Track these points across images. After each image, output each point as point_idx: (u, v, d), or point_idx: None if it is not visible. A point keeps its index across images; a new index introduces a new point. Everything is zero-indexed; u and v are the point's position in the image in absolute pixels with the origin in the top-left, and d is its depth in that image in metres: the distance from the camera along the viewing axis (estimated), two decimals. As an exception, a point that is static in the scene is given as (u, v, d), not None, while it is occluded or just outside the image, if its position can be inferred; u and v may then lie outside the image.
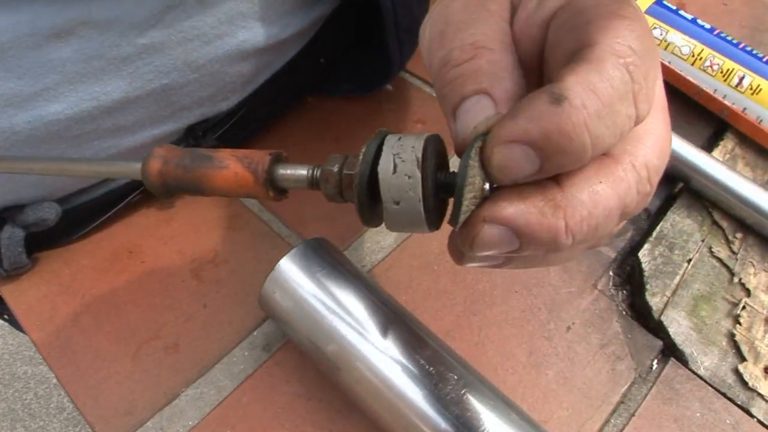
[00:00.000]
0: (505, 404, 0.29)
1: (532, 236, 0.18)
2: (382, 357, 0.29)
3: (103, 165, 0.26)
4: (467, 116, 0.19)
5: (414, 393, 0.28)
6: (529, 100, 0.17)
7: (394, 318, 0.30)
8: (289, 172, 0.23)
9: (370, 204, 0.20)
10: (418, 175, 0.18)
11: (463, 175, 0.18)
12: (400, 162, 0.19)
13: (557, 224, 0.18)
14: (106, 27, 0.31)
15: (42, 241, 0.40)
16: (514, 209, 0.18)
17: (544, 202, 0.18)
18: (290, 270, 0.31)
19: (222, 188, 0.23)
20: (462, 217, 0.18)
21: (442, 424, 0.27)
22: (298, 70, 0.44)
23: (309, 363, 0.35)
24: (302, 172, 0.22)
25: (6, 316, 0.43)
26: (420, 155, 0.19)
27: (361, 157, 0.20)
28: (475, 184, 0.18)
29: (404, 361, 0.29)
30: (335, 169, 0.21)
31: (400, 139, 0.20)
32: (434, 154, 0.19)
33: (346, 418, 0.33)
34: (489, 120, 0.19)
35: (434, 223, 0.20)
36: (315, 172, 0.22)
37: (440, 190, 0.20)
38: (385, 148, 0.20)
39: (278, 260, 0.31)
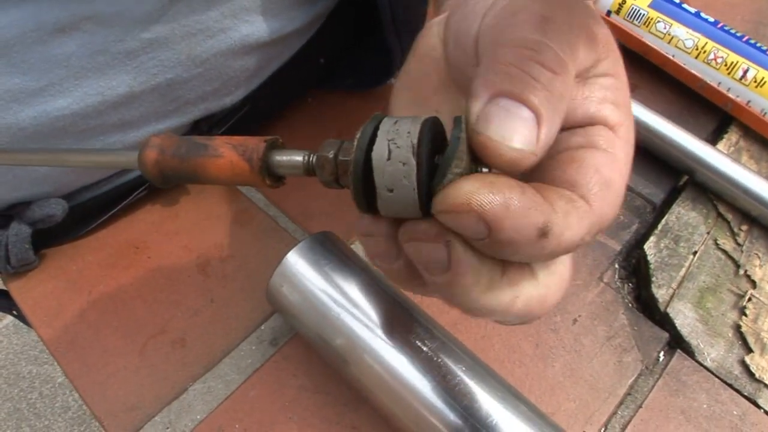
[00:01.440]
0: (513, 396, 0.29)
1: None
2: (390, 349, 0.29)
3: (100, 155, 0.26)
4: (514, 123, 0.17)
5: (422, 384, 0.28)
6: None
7: (401, 310, 0.30)
8: (285, 158, 0.22)
9: (366, 191, 0.20)
10: (413, 162, 0.17)
11: (457, 136, 0.17)
12: (395, 148, 0.18)
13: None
14: (110, 22, 0.31)
15: (48, 237, 0.40)
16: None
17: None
18: (297, 264, 0.31)
19: (218, 177, 0.23)
20: (446, 179, 0.17)
21: (451, 415, 0.27)
22: (300, 66, 0.45)
23: (316, 356, 0.35)
24: (298, 158, 0.22)
25: (15, 312, 0.44)
26: (416, 141, 0.18)
27: (355, 143, 0.19)
28: (462, 159, 0.17)
29: (412, 353, 0.29)
30: (330, 155, 0.21)
31: (396, 123, 0.19)
32: (431, 139, 0.18)
33: (353, 411, 0.33)
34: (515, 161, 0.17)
35: (429, 212, 0.20)
36: (311, 158, 0.22)
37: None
38: (380, 132, 0.19)
39: (285, 254, 0.31)
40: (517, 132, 0.16)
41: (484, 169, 0.18)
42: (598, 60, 0.19)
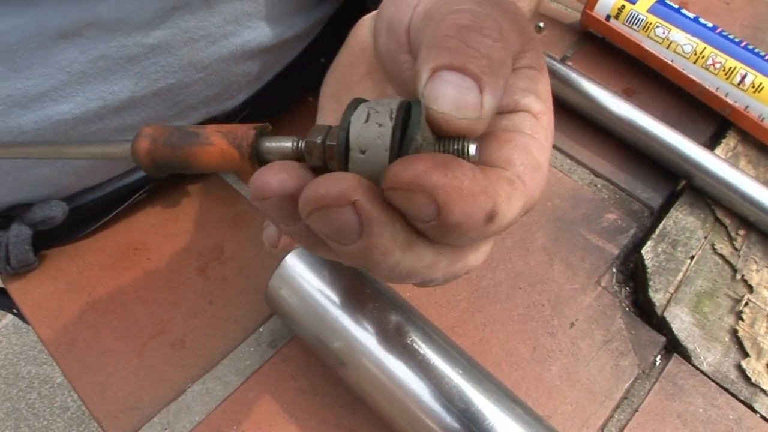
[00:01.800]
0: (509, 399, 0.29)
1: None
2: (387, 353, 0.29)
3: (96, 146, 0.27)
4: (469, 92, 0.17)
5: (419, 388, 0.28)
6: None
7: (399, 314, 0.31)
8: (274, 145, 0.22)
9: None
10: (389, 123, 0.18)
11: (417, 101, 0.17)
12: (373, 113, 0.18)
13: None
14: (113, 27, 0.32)
15: (49, 239, 0.40)
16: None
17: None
18: (296, 266, 0.32)
19: (209, 165, 0.23)
20: (414, 143, 0.17)
21: (447, 418, 0.27)
22: (300, 69, 0.45)
23: (314, 359, 0.35)
24: (287, 144, 0.22)
25: (15, 310, 0.44)
26: (395, 107, 0.18)
27: (340, 126, 0.19)
28: (426, 127, 0.17)
29: (409, 356, 0.29)
30: (318, 140, 0.21)
31: (379, 101, 0.19)
32: (408, 111, 0.18)
33: (351, 413, 0.33)
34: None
35: None
36: (299, 144, 0.22)
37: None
38: (362, 105, 0.19)
39: (284, 257, 0.32)
40: (460, 102, 0.16)
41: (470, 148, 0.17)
42: (523, 51, 0.20)
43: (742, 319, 0.37)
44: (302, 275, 0.31)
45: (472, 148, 0.17)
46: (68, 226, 0.39)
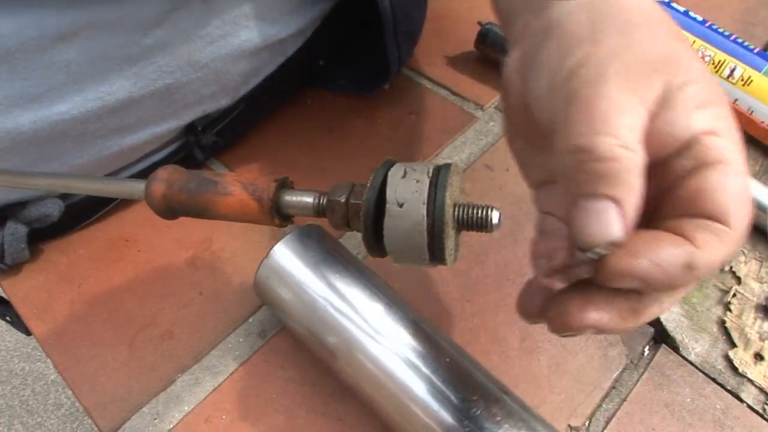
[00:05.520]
0: (498, 388, 0.29)
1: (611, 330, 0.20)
2: (376, 341, 0.29)
3: (107, 184, 0.26)
4: (593, 220, 0.18)
5: (407, 376, 0.28)
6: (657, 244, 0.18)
7: (387, 304, 0.31)
8: (294, 199, 0.22)
9: (377, 231, 0.20)
10: (426, 180, 0.19)
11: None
12: (410, 170, 0.19)
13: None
14: (111, 28, 0.31)
15: (44, 235, 0.40)
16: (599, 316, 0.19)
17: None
18: (285, 256, 0.32)
19: (226, 214, 0.23)
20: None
21: (434, 405, 0.27)
22: (296, 67, 0.45)
23: (303, 348, 0.35)
24: (308, 200, 0.22)
25: (8, 318, 0.44)
26: (431, 169, 0.19)
27: (369, 184, 0.20)
28: (456, 190, 0.20)
29: (397, 345, 0.29)
30: (342, 199, 0.21)
31: (414, 162, 0.20)
32: (448, 176, 0.19)
33: (339, 401, 0.33)
34: (611, 244, 0.18)
35: (437, 245, 0.19)
36: (321, 200, 0.22)
37: (456, 221, 0.20)
38: (397, 164, 0.20)
39: (272, 246, 0.32)
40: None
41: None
42: (674, 75, 0.18)
43: (730, 310, 0.37)
44: (290, 265, 0.31)
45: (495, 217, 0.19)
46: (64, 221, 0.39)
